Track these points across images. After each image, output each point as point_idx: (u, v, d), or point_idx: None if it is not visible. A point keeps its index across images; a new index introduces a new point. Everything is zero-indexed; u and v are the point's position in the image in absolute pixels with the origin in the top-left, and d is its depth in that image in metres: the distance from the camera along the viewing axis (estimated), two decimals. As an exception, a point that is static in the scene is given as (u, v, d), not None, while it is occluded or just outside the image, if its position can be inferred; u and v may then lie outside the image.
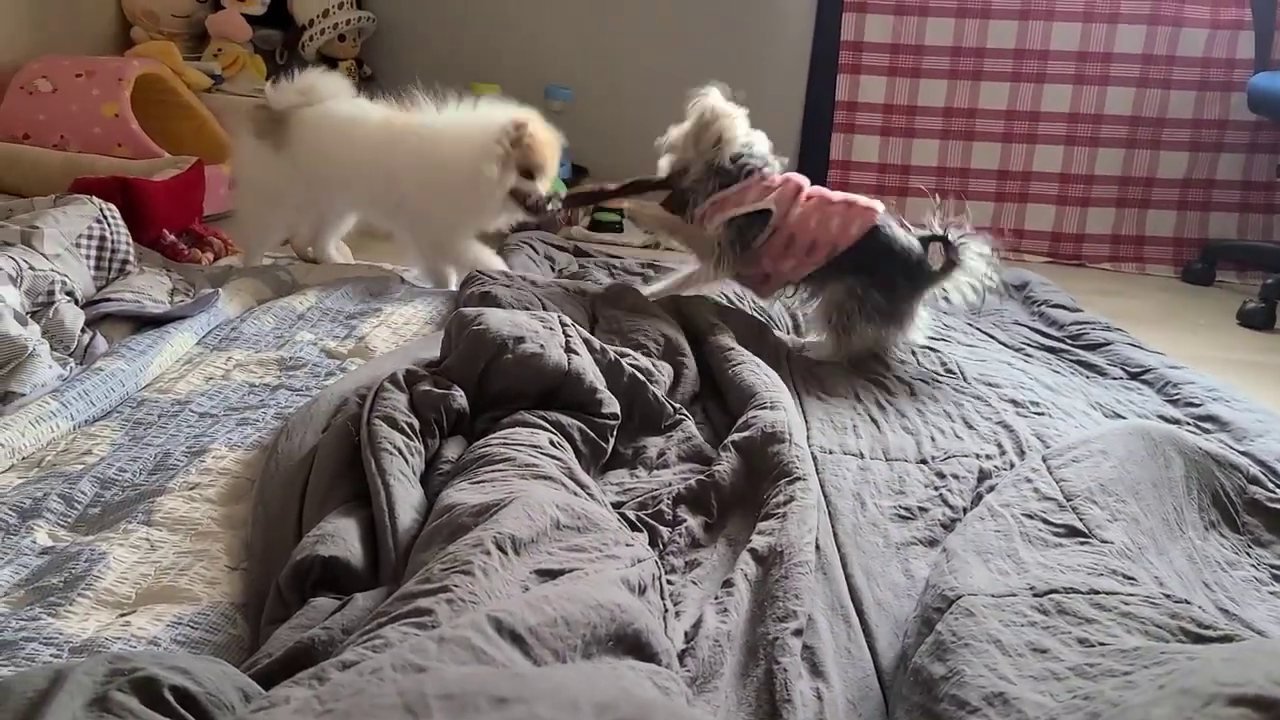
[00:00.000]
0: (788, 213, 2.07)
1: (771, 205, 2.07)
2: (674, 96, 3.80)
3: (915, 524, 1.40)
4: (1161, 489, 1.35)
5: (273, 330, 1.98)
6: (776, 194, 2.08)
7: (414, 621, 0.88)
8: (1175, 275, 3.51)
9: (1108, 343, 2.25)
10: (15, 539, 1.20)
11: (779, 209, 2.07)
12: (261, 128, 2.43)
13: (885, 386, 1.91)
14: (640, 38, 3.77)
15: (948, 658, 0.97)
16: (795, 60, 3.71)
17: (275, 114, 2.41)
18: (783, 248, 2.07)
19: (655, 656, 0.94)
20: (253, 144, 2.46)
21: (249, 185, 2.56)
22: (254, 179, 2.52)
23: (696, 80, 3.85)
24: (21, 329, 1.58)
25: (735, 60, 3.72)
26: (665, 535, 1.30)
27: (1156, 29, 3.48)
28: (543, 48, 3.76)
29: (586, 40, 3.79)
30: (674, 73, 3.73)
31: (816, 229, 2.05)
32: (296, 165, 2.40)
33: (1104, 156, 3.60)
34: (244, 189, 2.59)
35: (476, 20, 3.78)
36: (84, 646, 1.00)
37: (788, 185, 2.10)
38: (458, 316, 1.57)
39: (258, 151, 2.45)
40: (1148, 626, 0.98)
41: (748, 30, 3.71)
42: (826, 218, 2.05)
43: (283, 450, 1.36)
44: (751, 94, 3.76)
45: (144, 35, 3.61)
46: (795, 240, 2.06)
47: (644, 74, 3.73)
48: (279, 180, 2.44)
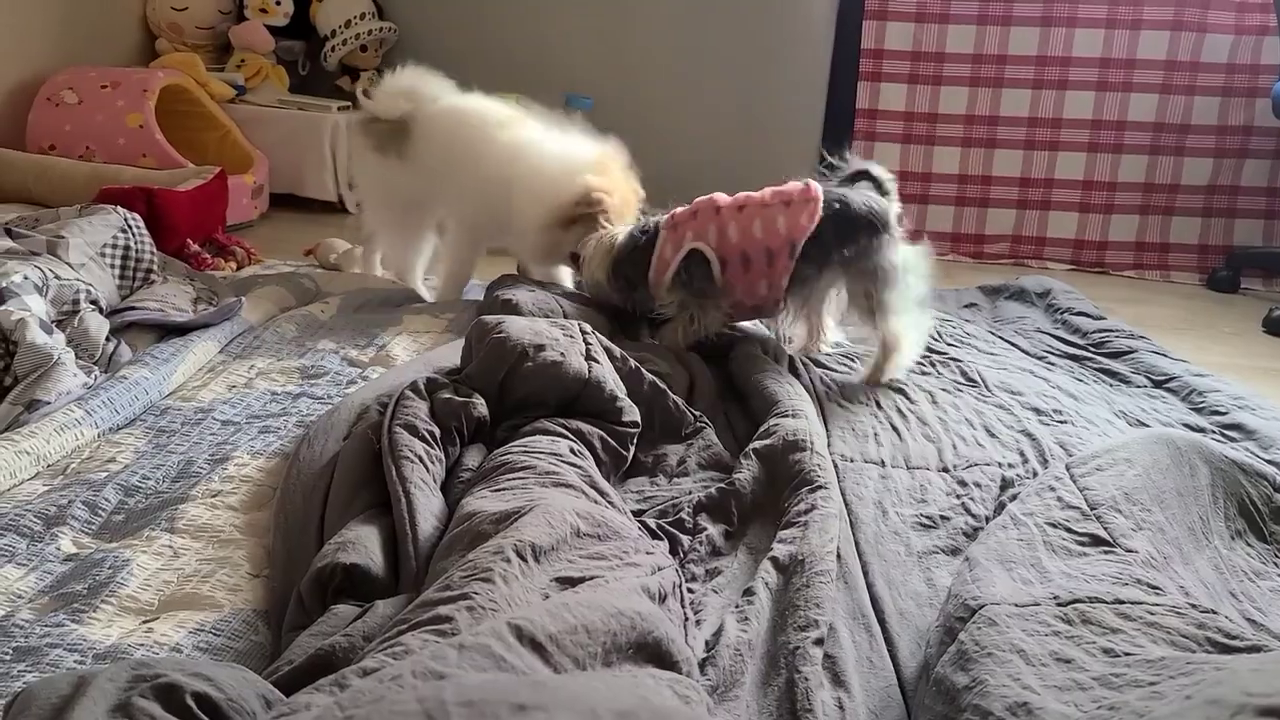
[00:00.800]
0: (721, 235, 1.91)
1: (696, 245, 1.91)
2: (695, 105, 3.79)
3: (937, 532, 1.39)
4: (1187, 498, 1.34)
5: (295, 338, 1.99)
6: (693, 229, 1.92)
7: (434, 629, 0.88)
8: (1200, 283, 3.48)
9: (1131, 350, 2.23)
10: (40, 546, 1.21)
11: (707, 239, 1.91)
12: (381, 142, 2.31)
13: (906, 394, 1.90)
14: (661, 47, 3.77)
15: (971, 667, 0.96)
16: (815, 68, 3.70)
17: (391, 124, 2.30)
18: (742, 270, 1.91)
19: (676, 665, 0.93)
20: (376, 161, 2.33)
21: (384, 207, 2.43)
22: (388, 198, 2.40)
23: (718, 89, 3.85)
24: (47, 338, 1.59)
25: (755, 69, 3.72)
26: (686, 543, 1.30)
27: (1180, 35, 3.46)
28: (564, 57, 3.77)
29: (608, 49, 3.80)
30: (695, 81, 3.75)
31: (764, 235, 1.88)
32: (426, 173, 2.28)
33: (1127, 163, 3.57)
34: (379, 212, 2.45)
35: (497, 29, 3.80)
36: (107, 653, 1.01)
37: (701, 210, 1.94)
38: (478, 324, 1.58)
39: (383, 168, 2.33)
40: (1174, 636, 0.97)
41: (768, 39, 3.71)
42: (768, 221, 1.89)
43: (304, 458, 1.37)
44: (772, 102, 3.76)
45: (168, 47, 3.64)
46: (749, 256, 1.89)
47: (665, 83, 3.74)
48: (410, 191, 2.32)
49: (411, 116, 2.29)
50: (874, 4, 3.59)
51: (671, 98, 3.66)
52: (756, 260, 1.89)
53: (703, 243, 1.91)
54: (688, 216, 1.94)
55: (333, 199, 3.59)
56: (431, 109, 2.29)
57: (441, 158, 2.26)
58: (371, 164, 2.37)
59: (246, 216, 3.24)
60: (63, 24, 3.31)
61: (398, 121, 2.29)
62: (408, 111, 2.29)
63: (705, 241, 1.91)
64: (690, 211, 1.94)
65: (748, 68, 3.73)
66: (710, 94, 3.76)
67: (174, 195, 2.61)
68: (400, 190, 2.35)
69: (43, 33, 3.24)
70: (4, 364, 1.57)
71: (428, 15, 3.86)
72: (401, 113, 2.29)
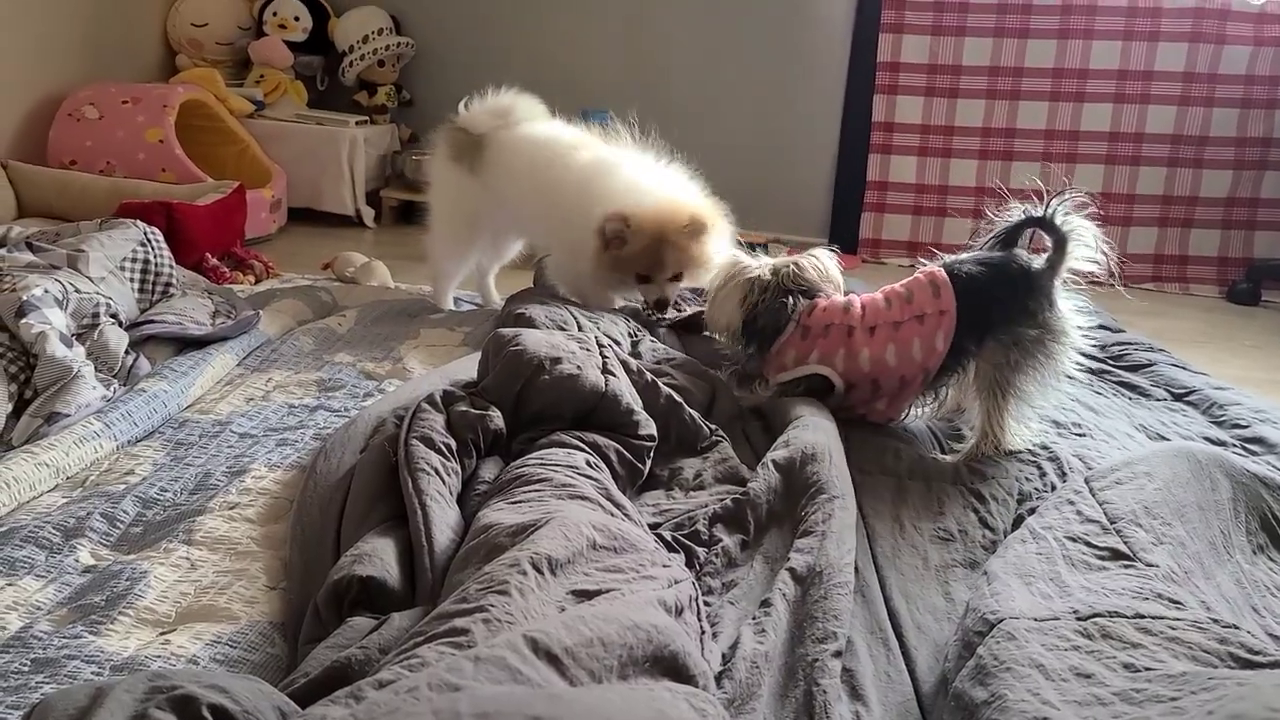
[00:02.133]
0: (851, 360, 1.73)
1: (821, 370, 1.75)
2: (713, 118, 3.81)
3: (955, 546, 1.38)
4: (1208, 512, 1.32)
5: (312, 351, 1.99)
6: (822, 349, 1.74)
7: (450, 641, 0.88)
8: (1220, 295, 3.46)
9: (1151, 364, 2.22)
10: (59, 558, 1.22)
11: (835, 363, 1.74)
12: (458, 150, 2.33)
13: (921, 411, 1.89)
14: (679, 60, 3.78)
15: (989, 682, 0.95)
16: (832, 81, 3.71)
17: (472, 137, 2.31)
18: (870, 394, 1.75)
19: (692, 678, 0.93)
20: (448, 167, 2.35)
21: (443, 210, 2.43)
22: (448, 203, 2.41)
23: (734, 102, 3.86)
24: (67, 351, 1.61)
25: (772, 83, 3.73)
26: (702, 556, 1.30)
27: (1198, 46, 3.45)
28: (581, 71, 3.78)
29: (626, 63, 3.81)
30: (713, 95, 3.76)
31: (898, 364, 1.70)
32: (490, 190, 2.29)
33: (1145, 175, 3.56)
34: (437, 214, 2.45)
35: (514, 43, 3.82)
36: (124, 664, 1.01)
37: (835, 328, 1.75)
38: (495, 337, 1.58)
39: (453, 174, 2.35)
40: (1195, 651, 0.96)
41: (784, 52, 3.71)
42: (903, 346, 1.70)
43: (321, 470, 1.37)
44: (788, 116, 3.76)
45: (188, 62, 3.68)
46: (879, 384, 1.74)
47: (683, 96, 3.75)
48: (475, 204, 2.34)
49: (491, 134, 2.30)
50: (890, 17, 3.59)
51: (689, 111, 3.66)
52: (887, 386, 1.74)
53: (829, 368, 1.74)
54: (820, 329, 1.75)
55: (350, 213, 3.61)
56: (506, 132, 2.30)
57: (508, 178, 2.26)
58: (444, 170, 2.38)
59: (264, 230, 3.26)
60: (84, 41, 3.34)
61: (478, 136, 2.31)
62: (493, 128, 2.30)
63: (833, 366, 1.74)
64: (823, 323, 1.76)
65: (764, 82, 3.74)
66: (727, 107, 3.77)
67: (193, 209, 2.63)
68: (467, 201, 2.35)
69: (65, 50, 3.27)
70: (24, 377, 1.58)
71: (445, 30, 3.88)
72: (488, 129, 2.30)
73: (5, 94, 3.06)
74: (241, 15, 3.76)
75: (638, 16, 3.78)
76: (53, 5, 3.17)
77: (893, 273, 3.48)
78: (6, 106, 3.08)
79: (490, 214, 2.34)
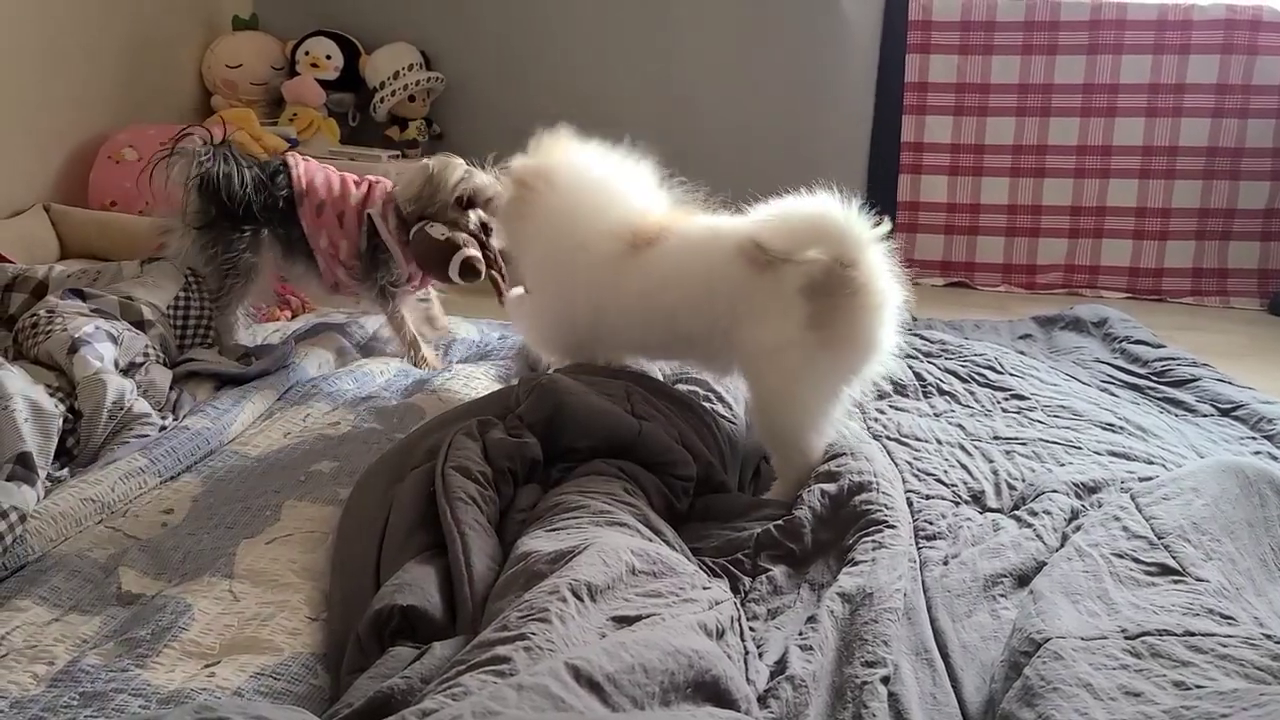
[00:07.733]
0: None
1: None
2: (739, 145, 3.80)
3: (1002, 564, 1.36)
4: (1258, 528, 1.30)
5: (348, 385, 2.01)
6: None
7: (492, 669, 0.88)
8: (1262, 308, 3.40)
9: (1195, 379, 2.18)
10: (104, 591, 1.23)
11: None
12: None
13: (964, 428, 1.87)
14: (705, 92, 3.79)
15: (1037, 703, 0.94)
16: (860, 102, 3.70)
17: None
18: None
19: (735, 703, 0.92)
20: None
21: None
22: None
23: (762, 126, 3.85)
24: (121, 385, 1.66)
25: (799, 105, 3.73)
26: (747, 584, 1.28)
27: (1230, 58, 3.41)
28: (608, 103, 3.80)
29: (651, 93, 3.83)
30: (740, 122, 3.76)
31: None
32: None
33: (1181, 189, 3.52)
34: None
35: (542, 77, 3.85)
36: (171, 697, 1.02)
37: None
38: (525, 378, 1.59)
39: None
40: (1247, 669, 0.94)
41: (811, 75, 3.72)
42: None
43: (359, 502, 1.38)
44: (817, 137, 3.75)
45: (223, 103, 3.73)
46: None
47: (709, 122, 3.75)
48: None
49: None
50: (916, 38, 3.59)
51: (716, 138, 3.67)
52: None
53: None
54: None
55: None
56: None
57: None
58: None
59: (300, 266, 3.29)
60: (123, 85, 3.40)
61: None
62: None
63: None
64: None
65: (791, 105, 3.74)
66: (755, 132, 3.77)
67: (231, 247, 2.66)
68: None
69: (104, 95, 3.33)
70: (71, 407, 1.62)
71: (475, 65, 3.92)
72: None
73: (47, 140, 3.12)
74: (274, 55, 3.81)
75: (665, 50, 3.80)
76: (92, 52, 3.24)
77: (926, 293, 3.46)
78: (49, 152, 3.14)
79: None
